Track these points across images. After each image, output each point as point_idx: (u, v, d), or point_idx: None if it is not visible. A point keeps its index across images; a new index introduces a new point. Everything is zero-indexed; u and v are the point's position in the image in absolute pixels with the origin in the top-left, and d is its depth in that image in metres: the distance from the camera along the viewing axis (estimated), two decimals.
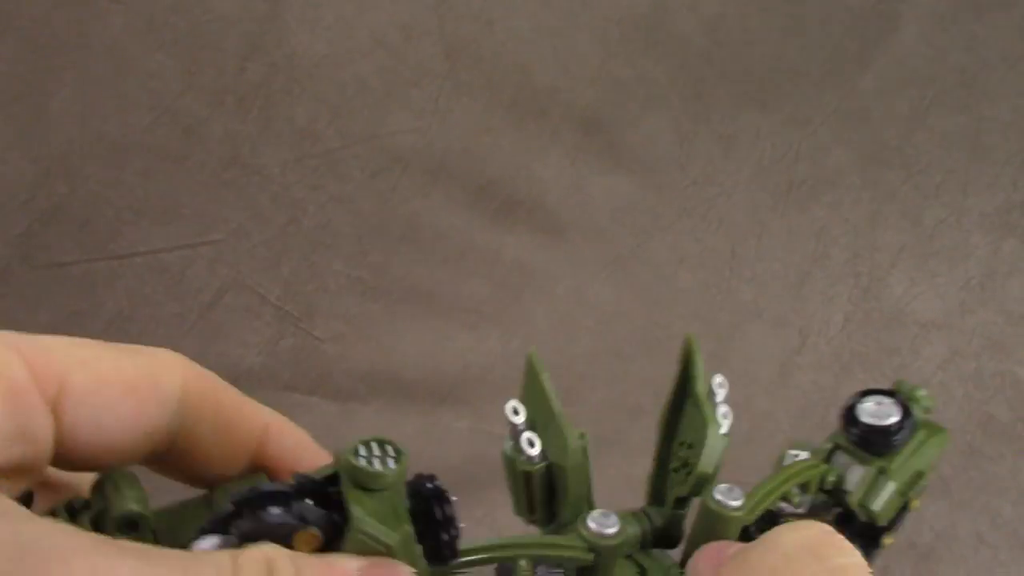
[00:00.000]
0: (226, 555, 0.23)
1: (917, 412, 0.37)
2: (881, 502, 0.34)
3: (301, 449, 0.30)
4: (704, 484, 0.32)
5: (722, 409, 0.34)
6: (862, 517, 0.34)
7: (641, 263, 0.97)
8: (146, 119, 0.99)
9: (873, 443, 0.34)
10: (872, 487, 0.34)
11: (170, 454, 0.29)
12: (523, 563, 0.31)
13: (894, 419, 0.35)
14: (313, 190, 0.98)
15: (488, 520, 0.79)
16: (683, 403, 0.36)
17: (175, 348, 0.30)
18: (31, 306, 0.92)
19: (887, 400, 0.36)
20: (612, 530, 0.31)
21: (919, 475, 0.35)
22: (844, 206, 1.00)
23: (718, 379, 0.34)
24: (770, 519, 0.33)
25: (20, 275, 0.93)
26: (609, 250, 0.97)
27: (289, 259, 0.95)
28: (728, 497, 0.31)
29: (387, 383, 0.93)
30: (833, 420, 0.37)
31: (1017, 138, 1.03)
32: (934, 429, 0.37)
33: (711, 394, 0.34)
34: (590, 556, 0.31)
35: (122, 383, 0.27)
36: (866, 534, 0.34)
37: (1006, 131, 1.03)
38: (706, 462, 0.33)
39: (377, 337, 0.93)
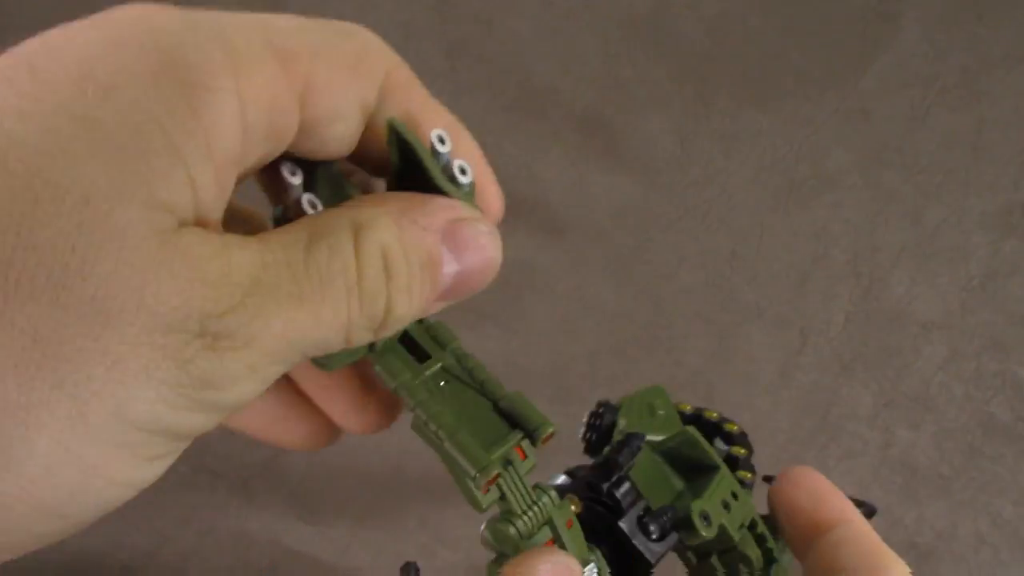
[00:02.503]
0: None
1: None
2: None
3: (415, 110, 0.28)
4: None
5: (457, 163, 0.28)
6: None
7: (642, 263, 0.97)
8: None
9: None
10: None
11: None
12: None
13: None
14: None
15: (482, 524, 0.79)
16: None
17: None
18: None
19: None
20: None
21: None
22: (845, 206, 1.00)
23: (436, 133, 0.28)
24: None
25: None
26: (610, 250, 0.97)
27: None
28: None
29: None
30: (834, 420, 0.37)
31: (1018, 138, 1.03)
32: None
33: (438, 157, 0.28)
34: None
35: (348, 69, 0.26)
36: None
37: (1007, 131, 1.03)
38: None
39: None
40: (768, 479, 0.33)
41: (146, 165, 0.19)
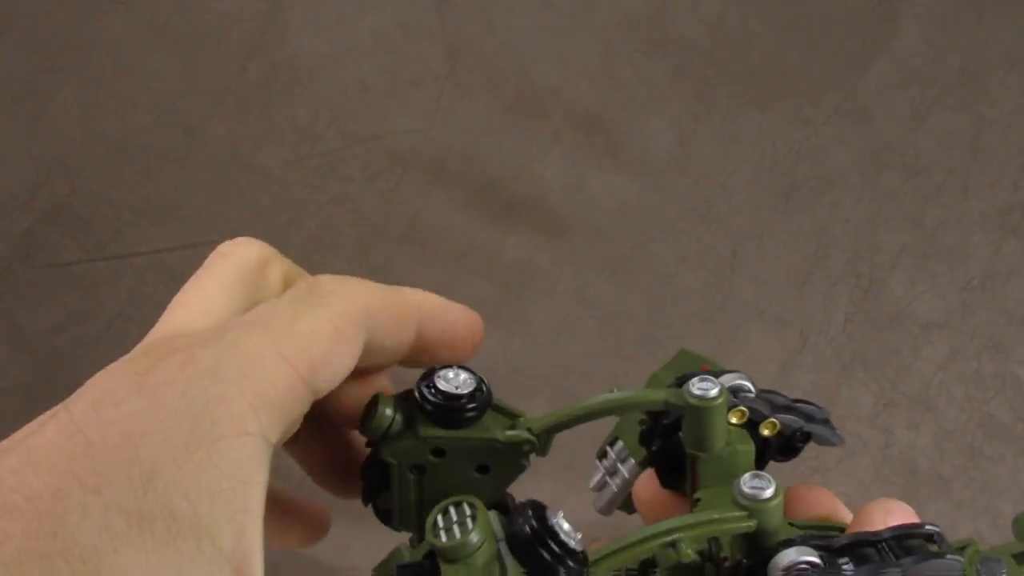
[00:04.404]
0: None
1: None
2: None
3: (447, 314, 0.33)
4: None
5: None
6: None
7: (642, 263, 0.97)
8: (147, 119, 0.99)
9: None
10: None
11: None
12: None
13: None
14: (314, 190, 0.98)
15: None
16: None
17: None
18: (32, 306, 0.92)
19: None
20: (769, 491, 0.29)
21: None
22: (845, 207, 1.00)
23: None
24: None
25: (21, 275, 0.93)
26: (610, 250, 0.97)
27: (290, 259, 0.95)
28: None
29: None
30: (833, 420, 0.37)
31: (1018, 139, 1.03)
32: None
33: None
34: (752, 523, 0.29)
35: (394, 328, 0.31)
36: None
37: (1007, 132, 1.03)
38: None
39: None
40: None
41: (175, 551, 0.22)
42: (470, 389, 0.31)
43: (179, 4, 1.03)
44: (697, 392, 0.30)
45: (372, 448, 0.31)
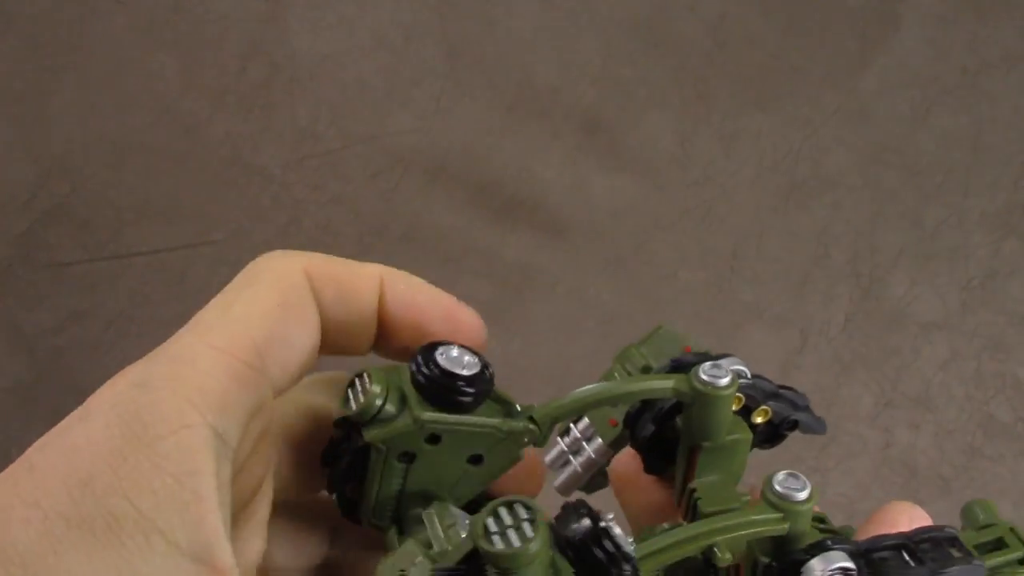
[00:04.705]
0: None
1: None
2: None
3: (415, 295, 0.31)
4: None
5: None
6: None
7: (642, 263, 0.97)
8: (147, 119, 0.99)
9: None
10: None
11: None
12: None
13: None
14: (314, 190, 0.98)
15: None
16: None
17: None
18: (32, 305, 0.92)
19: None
20: (804, 493, 0.28)
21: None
22: (845, 206, 1.00)
23: None
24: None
25: (21, 275, 0.93)
26: (610, 250, 0.97)
27: None
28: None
29: None
30: (834, 420, 0.37)
31: (1018, 138, 1.03)
32: None
33: None
34: (785, 526, 0.28)
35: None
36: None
37: (1007, 131, 1.03)
38: None
39: None
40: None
41: (121, 549, 0.22)
42: (473, 372, 0.29)
43: (179, 4, 1.03)
44: (707, 379, 0.29)
45: (345, 430, 0.29)
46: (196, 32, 1.02)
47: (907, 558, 0.28)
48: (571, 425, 0.34)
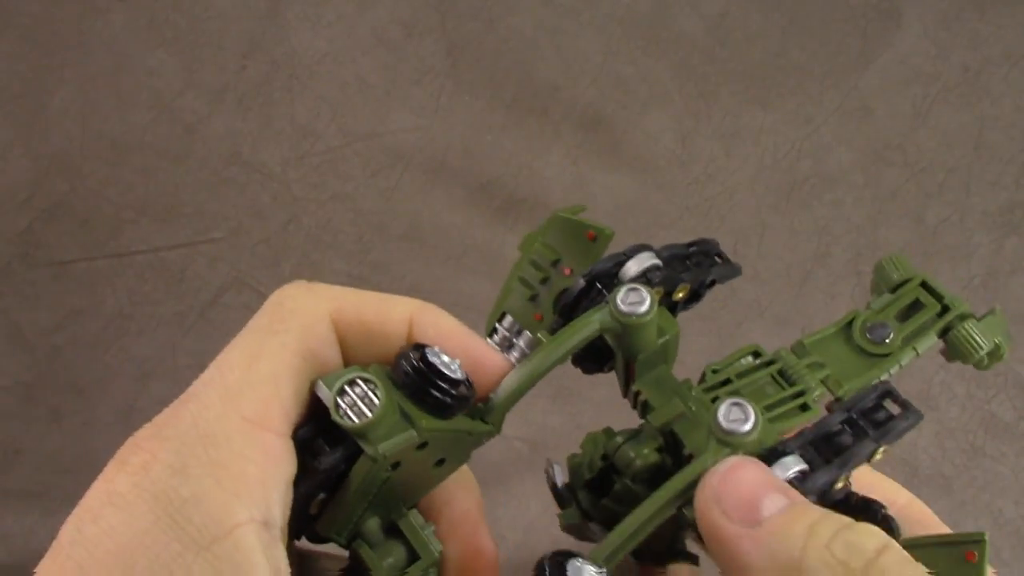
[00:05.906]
0: None
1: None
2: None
3: (444, 340, 0.31)
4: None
5: None
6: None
7: None
8: (146, 117, 0.99)
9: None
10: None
11: None
12: None
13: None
14: (314, 188, 0.98)
15: (489, 519, 0.79)
16: None
17: (174, 346, 0.30)
18: (31, 304, 0.92)
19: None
20: (748, 425, 0.29)
21: None
22: (846, 204, 1.00)
23: None
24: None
25: (21, 273, 0.93)
26: (610, 249, 0.97)
27: (289, 258, 0.95)
28: None
29: None
30: None
31: (1020, 136, 1.03)
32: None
33: None
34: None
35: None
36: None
37: (1009, 129, 1.03)
38: None
39: None
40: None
41: None
42: (458, 377, 0.29)
43: (178, 2, 1.03)
44: (627, 311, 0.31)
45: (332, 440, 0.28)
46: (195, 30, 1.02)
47: (852, 435, 0.31)
48: (496, 324, 0.35)
